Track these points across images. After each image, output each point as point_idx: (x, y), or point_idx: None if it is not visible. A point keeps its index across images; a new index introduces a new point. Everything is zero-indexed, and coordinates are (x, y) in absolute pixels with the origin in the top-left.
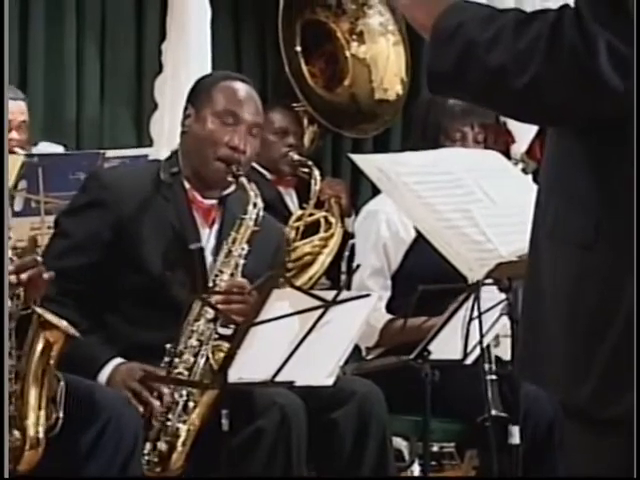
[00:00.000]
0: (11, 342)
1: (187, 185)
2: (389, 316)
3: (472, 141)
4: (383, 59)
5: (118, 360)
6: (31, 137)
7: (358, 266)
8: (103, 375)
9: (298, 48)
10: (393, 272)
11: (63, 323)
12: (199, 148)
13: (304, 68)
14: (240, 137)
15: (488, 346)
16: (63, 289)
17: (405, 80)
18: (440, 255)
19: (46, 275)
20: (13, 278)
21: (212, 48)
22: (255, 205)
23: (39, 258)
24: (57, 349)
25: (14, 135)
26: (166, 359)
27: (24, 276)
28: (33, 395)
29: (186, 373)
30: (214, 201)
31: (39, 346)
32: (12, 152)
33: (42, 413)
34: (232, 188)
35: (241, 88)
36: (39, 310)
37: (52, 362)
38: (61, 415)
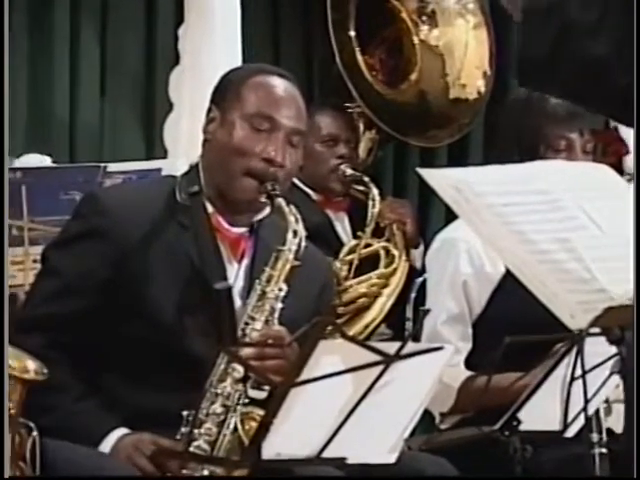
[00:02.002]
0: None
1: (210, 208)
2: (469, 373)
3: (580, 151)
4: (460, 47)
5: (123, 430)
6: (12, 147)
7: (428, 311)
8: (103, 450)
9: (352, 33)
10: (475, 318)
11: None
12: (225, 160)
13: (360, 58)
14: (277, 146)
15: (597, 413)
16: (51, 341)
17: (488, 74)
18: (534, 297)
19: None
20: None
21: (242, 33)
22: (296, 233)
23: None
24: (16, 398)
25: None
26: (183, 430)
27: None
28: None
29: (208, 448)
30: (244, 229)
31: None
32: None
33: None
34: (266, 211)
35: (278, 85)
36: None
37: (14, 411)
38: (38, 474)
